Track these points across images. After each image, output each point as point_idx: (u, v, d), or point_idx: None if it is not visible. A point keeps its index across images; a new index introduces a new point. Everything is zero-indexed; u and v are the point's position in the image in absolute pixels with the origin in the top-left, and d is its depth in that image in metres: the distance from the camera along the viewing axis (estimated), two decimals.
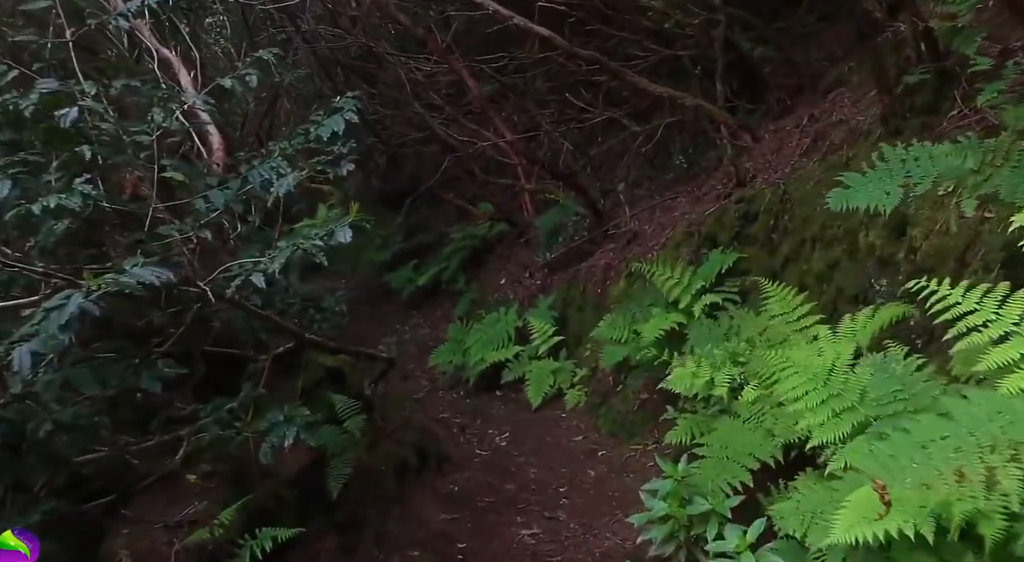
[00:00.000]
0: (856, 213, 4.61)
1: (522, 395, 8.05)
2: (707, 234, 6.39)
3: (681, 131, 9.03)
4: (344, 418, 4.82)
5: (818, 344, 4.35)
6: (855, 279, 4.65)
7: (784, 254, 5.56)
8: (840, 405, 3.60)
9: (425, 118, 9.75)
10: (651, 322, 6.06)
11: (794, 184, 5.70)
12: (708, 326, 5.60)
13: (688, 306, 6.06)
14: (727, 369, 4.67)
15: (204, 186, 3.85)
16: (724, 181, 6.98)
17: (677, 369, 4.87)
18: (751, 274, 5.91)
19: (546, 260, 9.33)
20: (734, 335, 5.15)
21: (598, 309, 7.89)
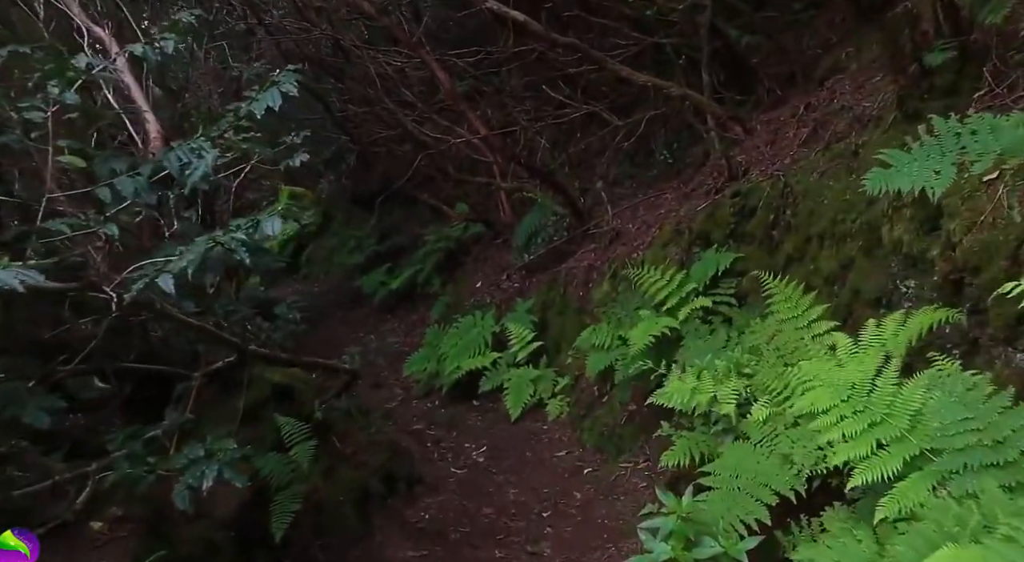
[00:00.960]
0: (877, 204, 3.94)
1: (500, 405, 7.30)
2: (699, 232, 5.69)
3: (664, 125, 8.35)
4: (292, 444, 4.02)
5: (838, 355, 3.65)
6: (875, 280, 3.96)
7: (786, 253, 4.88)
8: (885, 434, 2.90)
9: (396, 115, 8.97)
10: (639, 328, 5.34)
11: (796, 176, 5.02)
12: (704, 332, 4.91)
13: (679, 310, 5.35)
14: (732, 383, 3.96)
15: (110, 172, 3.08)
16: (714, 175, 6.29)
17: (674, 382, 4.15)
18: (750, 275, 5.21)
19: (524, 261, 8.59)
20: (735, 343, 4.44)
21: (580, 313, 7.17)
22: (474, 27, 11.18)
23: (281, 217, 3.00)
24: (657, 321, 5.33)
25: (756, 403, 3.80)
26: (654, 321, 5.35)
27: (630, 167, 8.98)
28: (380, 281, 11.51)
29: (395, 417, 8.01)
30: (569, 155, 8.73)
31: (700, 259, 5.61)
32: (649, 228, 6.90)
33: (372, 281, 11.59)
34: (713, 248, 5.49)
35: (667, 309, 5.40)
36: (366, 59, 9.03)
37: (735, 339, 4.51)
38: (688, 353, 4.89)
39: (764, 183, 5.20)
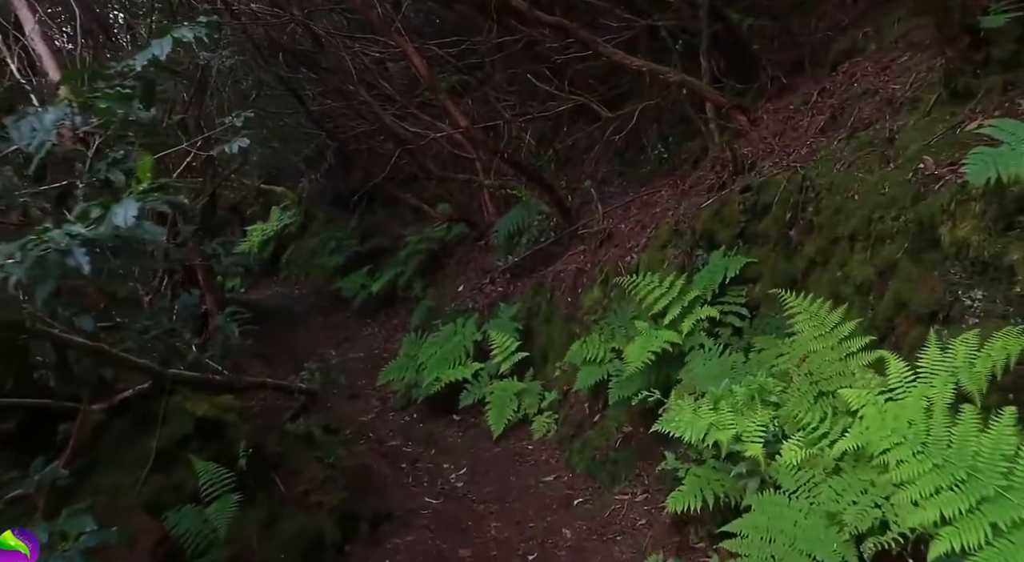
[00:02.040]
0: (931, 198, 3.12)
1: (483, 419, 6.46)
2: (702, 232, 4.87)
3: (658, 118, 7.53)
4: (211, 497, 3.11)
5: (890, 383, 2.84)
6: (926, 289, 3.14)
7: (807, 256, 4.05)
8: (975, 493, 2.09)
9: (373, 108, 8.09)
10: (637, 343, 4.52)
11: (816, 168, 4.20)
12: (714, 352, 4.07)
13: (681, 321, 4.52)
14: (757, 415, 3.12)
15: None
16: (716, 170, 5.46)
17: (684, 413, 3.32)
18: (763, 281, 4.39)
19: (508, 264, 7.75)
20: (755, 364, 3.62)
21: (568, 321, 6.33)
22: (457, 20, 10.33)
23: (138, 201, 2.12)
24: (656, 335, 4.50)
25: (787, 442, 2.97)
26: (653, 335, 4.52)
27: (620, 164, 8.16)
28: (360, 284, 10.65)
29: (370, 432, 7.15)
30: (556, 151, 7.90)
31: (705, 263, 4.79)
32: (644, 228, 6.08)
33: (352, 283, 10.73)
34: (720, 251, 4.66)
35: (668, 321, 4.56)
36: (341, 49, 8.14)
37: (753, 359, 3.68)
38: (695, 373, 4.06)
39: (779, 176, 4.38)
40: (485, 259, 8.57)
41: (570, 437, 5.62)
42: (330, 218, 12.49)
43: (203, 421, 3.28)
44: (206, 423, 3.29)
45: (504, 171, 8.89)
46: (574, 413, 5.76)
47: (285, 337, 10.65)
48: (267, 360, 9.28)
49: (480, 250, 8.93)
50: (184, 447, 3.19)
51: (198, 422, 3.27)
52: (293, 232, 13.22)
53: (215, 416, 3.35)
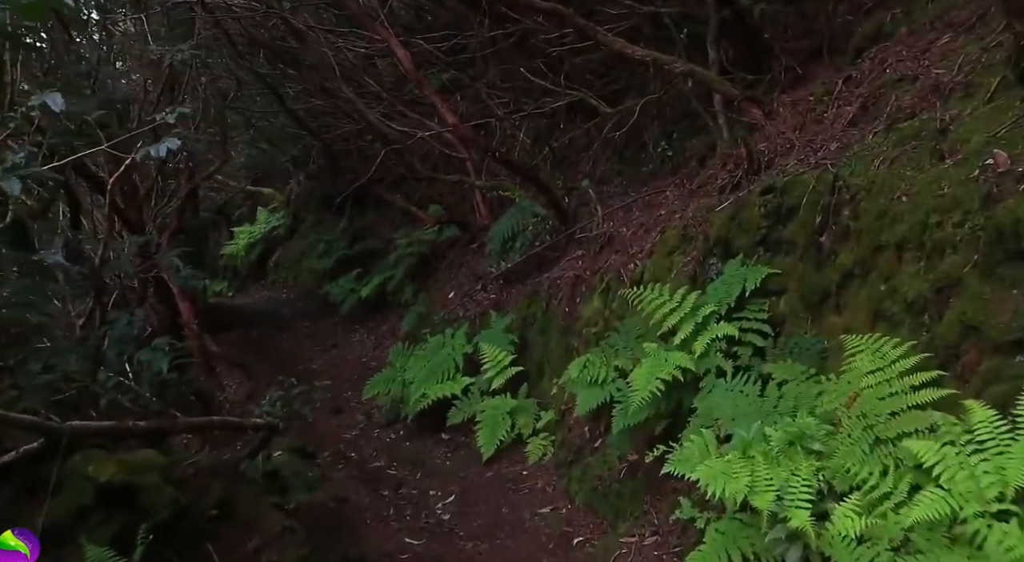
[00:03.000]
0: (1015, 199, 2.48)
1: (473, 438, 5.82)
2: (717, 238, 4.22)
3: (660, 114, 6.88)
4: None
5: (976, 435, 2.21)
6: (1005, 312, 2.50)
7: (843, 267, 3.41)
8: None
9: (356, 105, 7.43)
10: (644, 368, 3.87)
11: (850, 166, 3.55)
12: (739, 381, 3.41)
13: (694, 340, 3.87)
14: (800, 467, 2.48)
15: None
16: (729, 168, 4.82)
17: (706, 460, 2.67)
18: (789, 295, 3.75)
19: (501, 269, 7.10)
20: (790, 399, 2.96)
21: (566, 333, 5.68)
22: (449, 18, 9.67)
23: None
24: (666, 358, 3.85)
25: (840, 505, 2.33)
26: (662, 358, 3.87)
27: (619, 163, 7.50)
28: (349, 288, 9.99)
29: (352, 451, 6.51)
30: (552, 149, 7.24)
31: (719, 273, 4.14)
32: (647, 232, 5.43)
33: (341, 288, 10.07)
34: (737, 259, 4.01)
35: (679, 340, 3.91)
36: (323, 44, 7.47)
37: (788, 393, 3.03)
38: (714, 403, 3.42)
39: (806, 176, 3.73)
40: (477, 264, 7.92)
41: (568, 463, 4.98)
42: (319, 220, 11.83)
43: (108, 487, 2.57)
44: (112, 489, 2.59)
45: (497, 171, 8.26)
46: (573, 436, 5.11)
47: (269, 344, 10.00)
48: (247, 370, 8.64)
49: (472, 254, 8.28)
50: (83, 521, 2.49)
51: (101, 488, 2.55)
52: (281, 234, 12.55)
53: (125, 480, 2.64)
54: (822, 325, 3.53)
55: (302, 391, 3.98)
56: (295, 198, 12.63)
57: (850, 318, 3.36)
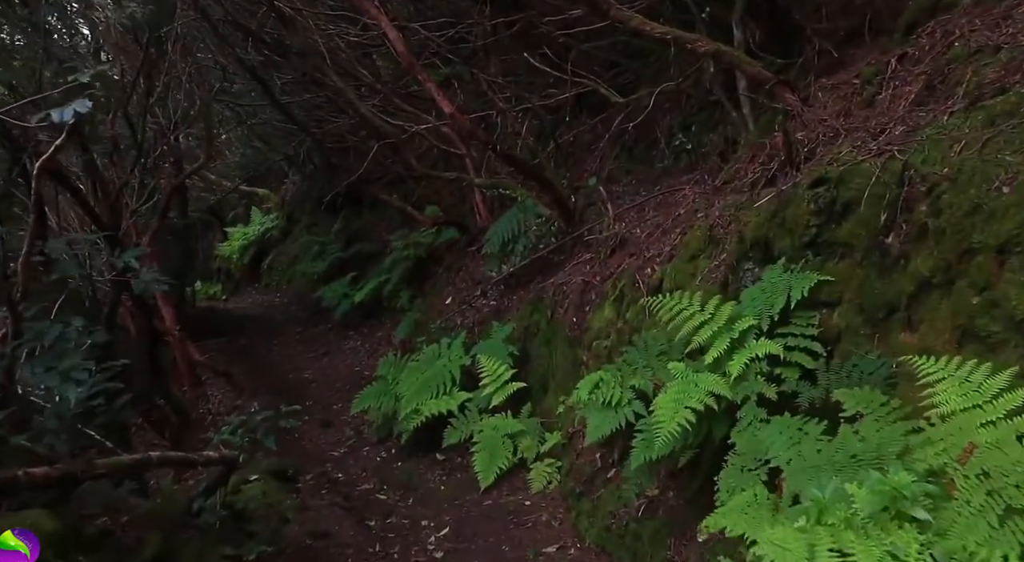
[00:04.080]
0: None
1: (471, 460, 5.14)
2: (754, 240, 3.53)
3: (673, 108, 6.21)
4: None
5: None
6: None
7: (917, 273, 2.73)
8: None
9: (347, 95, 6.76)
10: (670, 393, 3.18)
11: (923, 152, 2.87)
12: (795, 418, 2.71)
13: (729, 359, 3.18)
14: (903, 548, 1.78)
15: None
16: (762, 161, 4.14)
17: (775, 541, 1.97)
18: (845, 307, 3.06)
19: (502, 274, 6.42)
20: (873, 445, 2.26)
21: (573, 345, 5.00)
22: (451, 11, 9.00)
23: None
24: (696, 381, 3.16)
25: None
26: (691, 381, 3.18)
27: (629, 160, 6.81)
28: (343, 293, 9.31)
29: (339, 472, 5.82)
30: (558, 145, 6.55)
31: (757, 280, 3.46)
32: (665, 234, 4.75)
33: (334, 292, 9.39)
34: (779, 264, 3.33)
35: (711, 359, 3.22)
36: (313, 30, 6.80)
37: (868, 434, 2.32)
38: (762, 441, 2.73)
39: (866, 164, 3.05)
40: (476, 268, 7.24)
41: (577, 494, 4.29)
42: (313, 222, 11.16)
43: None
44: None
45: (497, 169, 7.59)
46: (582, 463, 4.42)
47: (259, 352, 9.32)
48: (231, 380, 7.95)
49: (471, 257, 7.60)
50: None
51: None
52: (275, 236, 11.87)
53: None
54: (889, 344, 2.85)
55: (267, 417, 3.31)
56: (290, 199, 11.95)
57: (928, 336, 2.68)
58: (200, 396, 8.01)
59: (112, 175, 6.90)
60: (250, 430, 3.22)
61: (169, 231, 10.20)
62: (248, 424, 3.24)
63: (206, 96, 7.78)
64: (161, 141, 7.44)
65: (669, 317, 3.52)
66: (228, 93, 9.10)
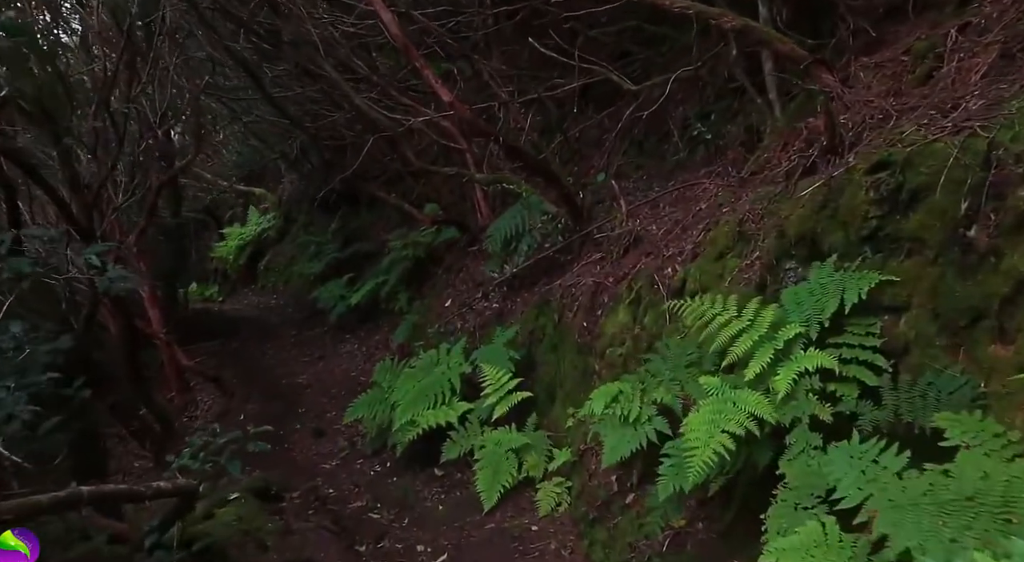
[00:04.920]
0: None
1: (471, 477, 4.61)
2: (798, 235, 3.00)
3: (686, 98, 5.68)
4: None
5: None
6: None
7: (1014, 272, 2.20)
8: None
9: (341, 86, 6.23)
10: (703, 412, 2.67)
11: (1012, 128, 2.34)
12: (870, 449, 2.16)
13: (773, 374, 2.65)
14: None
15: None
16: (799, 147, 3.62)
17: None
18: (914, 312, 2.53)
19: (504, 275, 5.89)
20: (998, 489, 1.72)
21: (583, 352, 4.47)
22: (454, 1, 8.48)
23: None
24: (734, 399, 2.63)
25: None
26: (728, 398, 2.65)
27: (638, 156, 6.28)
28: (339, 294, 8.78)
29: (330, 486, 5.29)
30: (566, 138, 6.01)
31: (801, 281, 2.93)
32: (685, 231, 4.22)
33: (330, 294, 8.86)
34: (829, 262, 2.79)
35: (752, 374, 2.69)
36: (305, 18, 6.26)
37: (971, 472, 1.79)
38: (829, 476, 2.19)
39: (940, 144, 2.52)
40: (477, 268, 6.70)
41: (590, 520, 3.75)
42: (310, 221, 10.63)
43: None
44: None
45: (500, 165, 7.06)
46: (595, 485, 3.88)
47: (252, 355, 8.80)
48: (221, 385, 7.43)
49: (472, 257, 7.06)
50: None
51: None
52: (272, 236, 11.34)
53: None
54: (975, 358, 2.32)
55: (231, 440, 2.78)
56: (287, 198, 11.42)
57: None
58: (189, 402, 7.49)
59: (94, 170, 6.38)
60: (213, 453, 2.70)
61: (162, 231, 9.70)
62: (211, 447, 2.72)
63: (195, 89, 7.26)
64: (147, 135, 6.91)
65: (698, 323, 2.99)
66: (221, 88, 8.59)
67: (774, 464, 2.61)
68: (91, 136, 6.36)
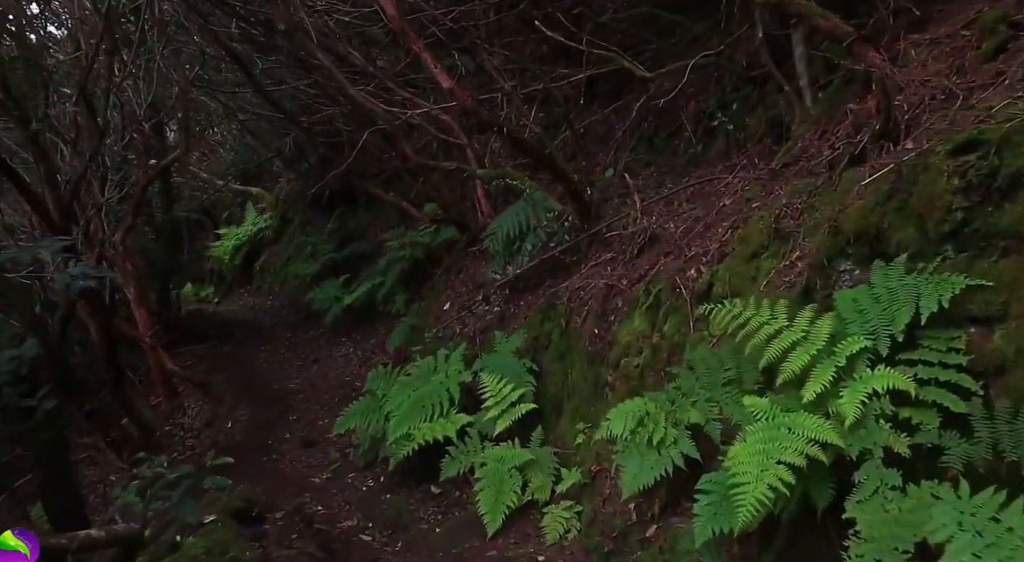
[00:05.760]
0: None
1: (471, 496, 4.10)
2: (856, 231, 2.49)
3: (699, 91, 5.18)
4: None
5: None
6: None
7: None
8: None
9: (334, 75, 5.71)
10: (751, 440, 2.18)
11: None
12: (985, 500, 1.66)
13: (837, 396, 2.15)
14: None
15: None
16: (845, 133, 3.12)
17: None
18: (1014, 324, 2.02)
19: (507, 276, 5.38)
20: None
21: (595, 362, 3.96)
22: None
23: None
24: (790, 425, 2.13)
25: None
26: (782, 424, 2.15)
27: (648, 152, 5.79)
28: (334, 296, 8.27)
29: (318, 503, 4.78)
30: (574, 131, 5.49)
31: (858, 285, 2.42)
32: (708, 229, 3.72)
33: (325, 295, 8.34)
34: (898, 263, 2.29)
35: (809, 395, 2.18)
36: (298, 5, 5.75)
37: None
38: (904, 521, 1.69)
39: None
40: (478, 270, 6.20)
41: (604, 553, 3.24)
42: (307, 221, 10.11)
43: None
44: None
45: (501, 162, 6.56)
46: (610, 512, 3.37)
47: (244, 359, 8.27)
48: (208, 391, 6.91)
49: (472, 258, 6.55)
50: None
51: None
52: (269, 237, 10.82)
53: None
54: None
55: (181, 476, 2.27)
56: (284, 198, 10.89)
57: None
58: (176, 408, 6.96)
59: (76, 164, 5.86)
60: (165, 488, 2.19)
61: (155, 230, 9.19)
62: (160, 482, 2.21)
63: (184, 81, 6.74)
64: (131, 127, 6.40)
65: (741, 333, 2.49)
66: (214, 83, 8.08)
67: (834, 503, 2.12)
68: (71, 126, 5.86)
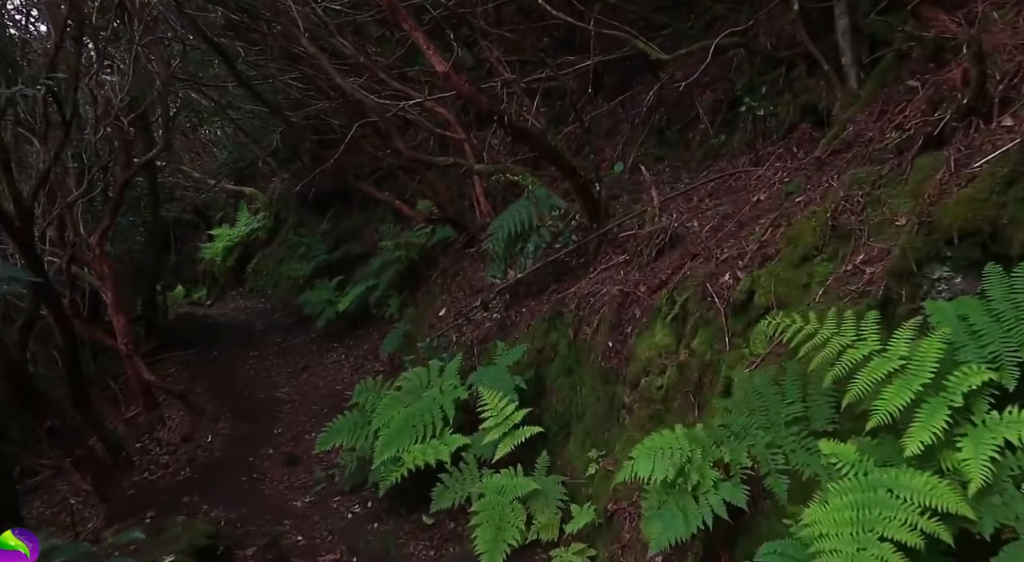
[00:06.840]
0: None
1: (466, 528, 3.48)
2: (961, 228, 1.88)
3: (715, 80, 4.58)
4: None
5: None
6: None
7: None
8: None
9: (322, 63, 5.10)
10: (836, 503, 1.56)
11: None
12: None
13: (944, 445, 1.53)
14: None
15: None
16: (918, 111, 2.51)
17: None
18: None
19: (508, 281, 4.76)
20: None
21: (608, 379, 3.35)
22: None
23: None
24: (890, 487, 1.52)
25: None
26: (882, 482, 1.54)
27: (658, 147, 5.21)
28: (327, 299, 7.65)
29: (297, 533, 4.16)
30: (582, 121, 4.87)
31: (967, 296, 1.80)
32: (741, 227, 3.12)
33: (317, 298, 7.73)
34: (1022, 269, 1.68)
35: (912, 444, 1.57)
36: None
37: None
38: None
39: None
40: (476, 273, 5.58)
41: None
42: (300, 222, 9.49)
43: None
44: None
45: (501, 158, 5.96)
46: (630, 558, 2.76)
47: (231, 366, 7.63)
48: (189, 403, 6.27)
49: (470, 260, 5.94)
50: None
51: None
52: (262, 238, 10.19)
53: None
54: None
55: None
56: (277, 198, 10.27)
57: None
58: (155, 420, 6.33)
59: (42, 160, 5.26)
60: None
61: (142, 232, 8.58)
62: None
63: (164, 73, 6.13)
64: (106, 121, 5.79)
65: (811, 356, 1.88)
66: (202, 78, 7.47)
67: None
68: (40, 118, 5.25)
